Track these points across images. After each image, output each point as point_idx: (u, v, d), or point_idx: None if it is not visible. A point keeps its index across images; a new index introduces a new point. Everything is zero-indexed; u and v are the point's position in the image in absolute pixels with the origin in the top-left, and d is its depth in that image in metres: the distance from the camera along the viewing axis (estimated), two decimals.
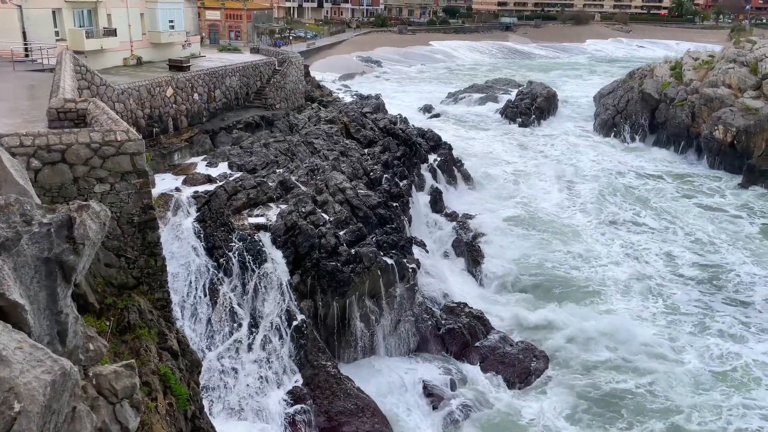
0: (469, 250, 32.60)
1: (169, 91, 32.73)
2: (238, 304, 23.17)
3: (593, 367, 24.85)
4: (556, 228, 37.98)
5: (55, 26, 35.48)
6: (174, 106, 33.01)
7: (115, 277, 14.46)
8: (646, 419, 22.21)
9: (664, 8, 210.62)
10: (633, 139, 57.72)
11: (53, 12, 35.30)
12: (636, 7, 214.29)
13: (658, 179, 48.43)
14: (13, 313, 3.88)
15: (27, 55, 32.71)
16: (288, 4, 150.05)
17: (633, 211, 41.55)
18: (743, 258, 34.93)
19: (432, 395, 22.85)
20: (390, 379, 23.54)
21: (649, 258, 34.77)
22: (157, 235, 14.89)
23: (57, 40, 34.66)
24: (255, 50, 52.87)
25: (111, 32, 38.22)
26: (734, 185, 46.84)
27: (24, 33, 33.23)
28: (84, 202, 4.60)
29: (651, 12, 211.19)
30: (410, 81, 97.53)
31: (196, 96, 35.23)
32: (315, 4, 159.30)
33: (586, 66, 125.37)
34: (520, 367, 24.89)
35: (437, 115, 65.16)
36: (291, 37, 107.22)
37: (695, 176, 49.27)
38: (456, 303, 28.07)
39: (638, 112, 58.84)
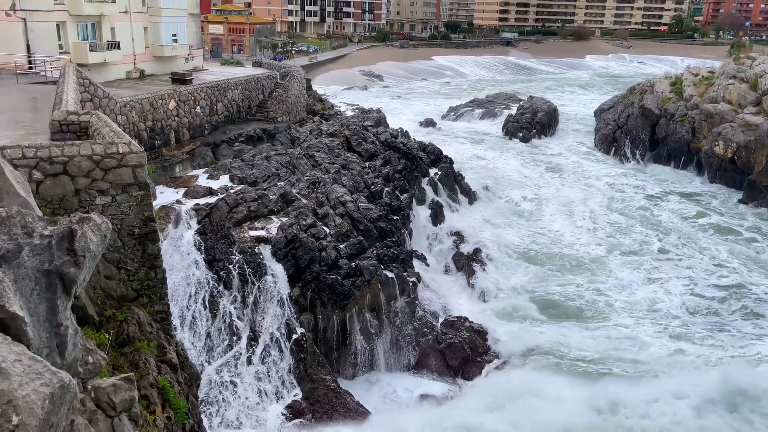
0: (470, 265, 32.56)
1: (172, 104, 32.87)
2: (238, 317, 23.12)
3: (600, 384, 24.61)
4: (561, 244, 37.83)
5: (59, 39, 35.72)
6: (176, 118, 33.14)
7: (114, 290, 14.44)
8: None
9: (664, 24, 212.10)
10: (633, 154, 57.82)
11: (57, 25, 35.55)
12: (636, 23, 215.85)
13: (664, 199, 47.60)
14: (13, 325, 3.87)
15: (30, 68, 32.90)
16: (291, 19, 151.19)
17: (642, 233, 40.31)
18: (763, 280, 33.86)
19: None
20: (389, 394, 23.42)
21: (666, 285, 33.30)
22: (158, 248, 14.88)
23: (61, 53, 34.87)
24: (257, 64, 53.14)
25: (114, 45, 38.46)
26: (734, 201, 46.84)
27: (28, 46, 33.45)
28: (85, 215, 4.61)
29: (651, 28, 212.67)
30: (411, 95, 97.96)
31: (198, 109, 35.37)
32: (317, 19, 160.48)
33: (587, 81, 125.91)
34: None
35: (438, 129, 65.37)
36: (293, 51, 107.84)
37: (702, 195, 48.45)
38: (456, 317, 27.98)
39: (638, 128, 59.00)
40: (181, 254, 23.50)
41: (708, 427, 20.92)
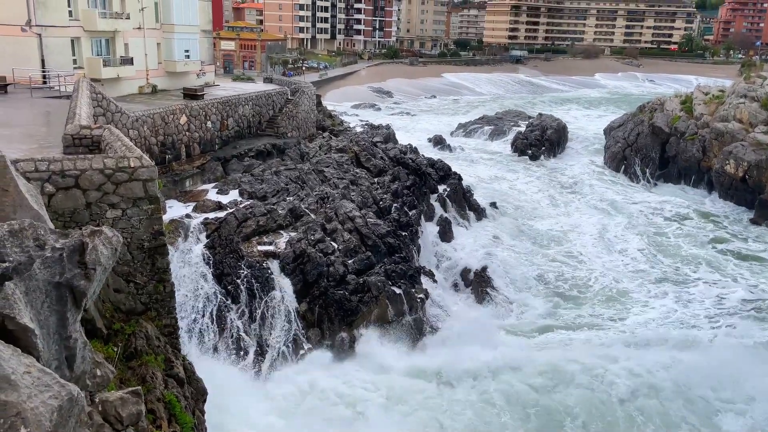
0: (478, 282, 32.41)
1: (183, 119, 33.15)
2: (245, 332, 23.10)
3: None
4: (574, 263, 37.42)
5: (74, 54, 36.20)
6: (187, 133, 33.40)
7: (123, 303, 14.48)
8: None
9: (674, 43, 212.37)
10: (643, 173, 57.62)
11: (72, 41, 36.05)
12: (646, 41, 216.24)
13: (680, 221, 46.35)
14: (23, 337, 3.89)
15: (45, 82, 33.33)
16: (301, 36, 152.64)
17: (662, 259, 38.49)
18: None
19: None
20: None
21: (693, 311, 31.70)
22: (167, 261, 14.94)
23: (75, 68, 35.32)
24: (268, 80, 53.58)
25: (128, 61, 38.93)
26: (746, 220, 46.48)
27: (42, 60, 33.92)
28: (96, 228, 4.64)
29: (661, 47, 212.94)
30: (421, 112, 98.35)
31: (209, 124, 35.65)
32: (328, 36, 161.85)
33: (596, 99, 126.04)
34: None
35: (447, 146, 65.51)
36: (304, 68, 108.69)
37: (716, 216, 47.40)
38: None
39: (649, 146, 58.86)
40: (189, 268, 23.57)
41: None
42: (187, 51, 45.28)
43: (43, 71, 33.63)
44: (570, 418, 21.81)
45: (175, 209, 27.43)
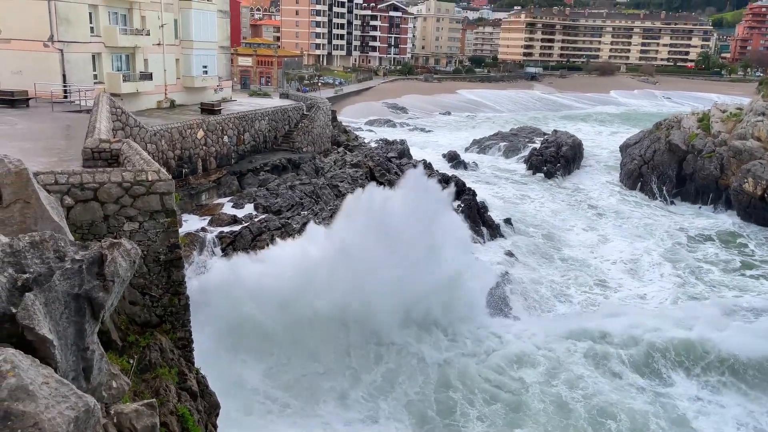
0: (496, 300, 32.18)
1: (200, 133, 33.49)
2: None
3: None
4: (591, 283, 36.58)
5: (94, 69, 36.79)
6: (204, 147, 33.72)
7: (138, 315, 14.56)
8: None
9: (691, 61, 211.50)
10: (660, 190, 57.15)
11: (93, 56, 36.66)
12: (662, 59, 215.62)
13: (703, 241, 44.99)
14: (42, 347, 3.92)
15: (65, 97, 33.87)
16: (317, 52, 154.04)
17: (691, 288, 36.00)
18: None
19: None
20: None
21: None
22: (182, 274, 15.01)
23: (95, 83, 35.88)
24: (284, 95, 54.06)
25: (147, 76, 39.48)
26: (764, 238, 45.84)
27: (64, 75, 34.50)
28: (115, 240, 4.69)
29: (677, 64, 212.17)
30: (435, 128, 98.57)
31: (225, 138, 35.97)
32: (344, 52, 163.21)
33: (612, 116, 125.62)
34: None
35: (462, 162, 65.50)
36: (319, 84, 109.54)
37: (741, 237, 46.03)
38: None
39: (665, 163, 58.45)
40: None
41: None
42: (205, 67, 45.85)
43: (64, 86, 34.18)
44: None
45: (190, 222, 27.62)
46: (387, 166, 40.70)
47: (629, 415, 22.83)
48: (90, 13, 36.24)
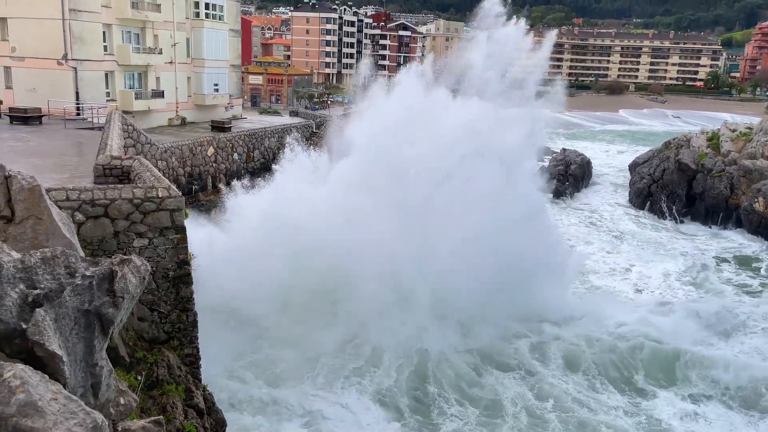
0: None
1: (210, 151, 33.76)
2: None
3: None
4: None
5: (107, 87, 37.28)
6: (214, 164, 33.96)
7: (146, 331, 14.58)
8: None
9: (700, 80, 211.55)
10: (670, 210, 56.86)
11: (106, 74, 37.16)
12: (671, 78, 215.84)
13: (719, 263, 42.52)
14: (51, 363, 3.94)
15: (78, 114, 34.31)
16: (327, 71, 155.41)
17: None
18: None
19: None
20: None
21: None
22: (191, 291, 15.04)
23: (107, 100, 36.34)
24: (294, 113, 54.49)
25: (159, 94, 39.95)
26: None
27: (77, 93, 34.99)
28: (126, 256, 4.72)
29: (686, 83, 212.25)
30: None
31: (235, 156, 36.25)
32: (354, 71, 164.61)
33: (621, 134, 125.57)
34: None
35: None
36: (329, 102, 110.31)
37: (759, 261, 43.74)
38: None
39: (675, 182, 58.19)
40: None
41: None
42: (216, 85, 46.35)
43: (77, 103, 34.63)
44: None
45: None
46: None
47: None
48: (104, 32, 36.83)
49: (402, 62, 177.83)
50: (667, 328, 27.76)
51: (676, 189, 57.91)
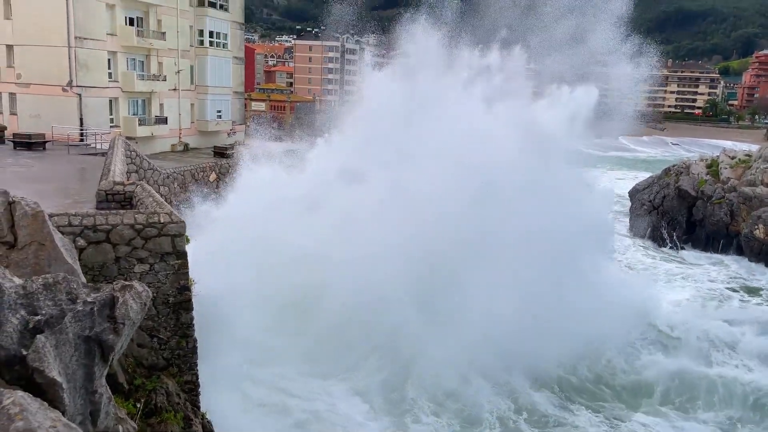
0: None
1: (212, 176, 33.91)
2: None
3: None
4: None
5: (111, 113, 37.62)
6: (216, 190, 34.07)
7: (146, 358, 14.49)
8: None
9: (699, 108, 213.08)
10: (670, 236, 56.81)
11: (110, 101, 37.52)
12: (669, 106, 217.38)
13: (733, 296, 39.91)
14: (50, 390, 3.93)
15: (82, 140, 34.55)
16: (330, 98, 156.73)
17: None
18: None
19: None
20: None
21: None
22: (191, 317, 14.98)
23: (111, 127, 36.63)
24: (296, 139, 54.79)
25: (162, 120, 40.29)
26: None
27: (81, 119, 35.29)
28: (127, 282, 4.74)
29: (685, 111, 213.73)
30: None
31: None
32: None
33: (621, 161, 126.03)
34: None
35: None
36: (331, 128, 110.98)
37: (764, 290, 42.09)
38: None
39: (675, 209, 58.24)
40: None
41: None
42: (219, 111, 46.74)
43: (81, 129, 34.90)
44: None
45: None
46: None
47: None
48: (109, 60, 37.28)
49: None
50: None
51: (676, 215, 57.95)
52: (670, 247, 55.76)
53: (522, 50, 36.19)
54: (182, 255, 14.23)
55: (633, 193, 67.37)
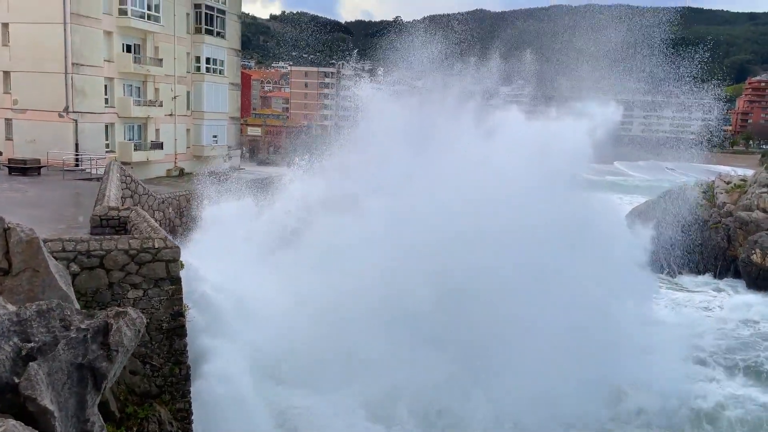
0: None
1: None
2: None
3: None
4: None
5: (107, 139, 37.71)
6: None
7: (138, 385, 14.29)
8: None
9: (692, 133, 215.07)
10: (667, 261, 56.83)
11: (106, 126, 37.64)
12: (663, 131, 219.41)
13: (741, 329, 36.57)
14: (42, 419, 3.85)
15: (77, 165, 34.56)
16: (326, 123, 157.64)
17: None
18: None
19: None
20: None
21: None
22: (184, 343, 14.83)
23: (107, 152, 36.68)
24: (292, 164, 54.99)
25: (158, 145, 40.39)
26: None
27: (76, 144, 35.34)
28: (121, 309, 4.68)
29: (679, 136, 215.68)
30: None
31: None
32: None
33: (616, 185, 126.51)
34: None
35: None
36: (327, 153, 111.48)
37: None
38: None
39: (672, 234, 58.36)
40: None
41: None
42: (215, 136, 46.93)
43: (76, 155, 34.93)
44: None
45: None
46: None
47: None
48: (105, 86, 37.48)
49: None
50: None
51: (673, 240, 58.03)
52: (667, 273, 55.77)
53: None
54: (176, 281, 14.13)
55: (630, 218, 67.51)
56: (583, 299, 22.07)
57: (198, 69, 45.73)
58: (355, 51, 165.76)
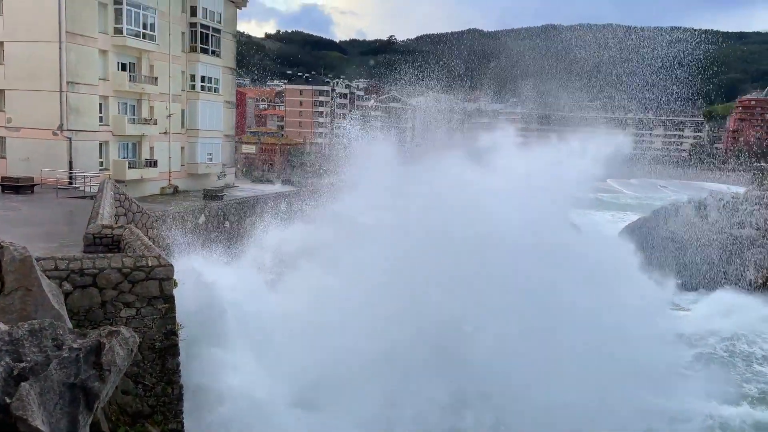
0: None
1: (201, 219, 33.83)
2: None
3: None
4: None
5: (101, 157, 37.68)
6: (204, 233, 33.96)
7: (130, 405, 14.15)
8: None
9: (684, 151, 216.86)
10: (662, 278, 56.89)
11: (101, 144, 37.63)
12: (656, 149, 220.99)
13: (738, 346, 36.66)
14: None
15: (71, 183, 34.49)
16: (320, 140, 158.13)
17: None
18: None
19: None
20: None
21: None
22: (177, 362, 14.71)
23: (101, 170, 36.62)
24: (287, 181, 55.04)
25: (152, 163, 40.39)
26: None
27: (70, 162, 35.30)
28: (114, 328, 4.67)
29: (671, 154, 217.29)
30: None
31: (227, 224, 36.31)
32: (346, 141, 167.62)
33: (608, 202, 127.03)
34: None
35: None
36: (321, 170, 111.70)
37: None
38: None
39: (665, 251, 58.53)
40: None
41: None
42: (210, 154, 46.97)
43: (70, 173, 34.87)
44: None
45: None
46: None
47: None
48: (100, 104, 37.54)
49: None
50: None
51: (666, 257, 58.17)
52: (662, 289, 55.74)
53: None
54: (170, 299, 14.06)
55: (623, 235, 67.70)
56: (596, 320, 22.04)
57: (193, 87, 45.89)
58: (350, 69, 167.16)
